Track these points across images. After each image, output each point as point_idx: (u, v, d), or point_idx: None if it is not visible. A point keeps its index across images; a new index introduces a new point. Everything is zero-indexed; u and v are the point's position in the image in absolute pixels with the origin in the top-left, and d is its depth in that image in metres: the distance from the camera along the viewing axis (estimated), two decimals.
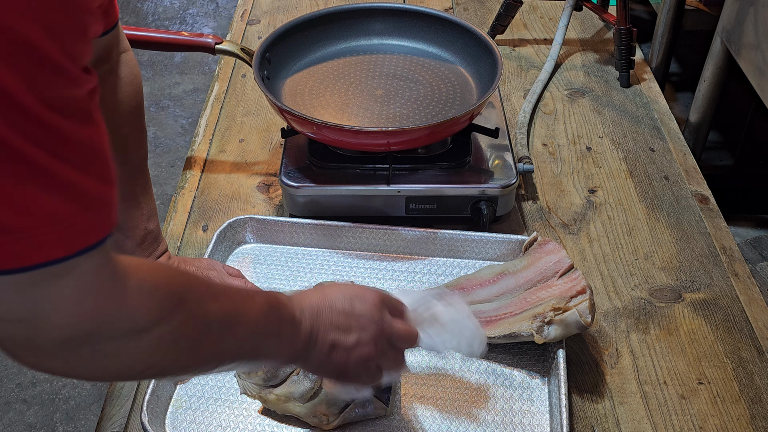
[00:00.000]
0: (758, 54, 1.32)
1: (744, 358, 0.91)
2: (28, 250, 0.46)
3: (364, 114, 1.07)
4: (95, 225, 0.48)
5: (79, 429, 1.82)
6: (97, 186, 0.48)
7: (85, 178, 0.47)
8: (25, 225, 0.45)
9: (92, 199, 0.48)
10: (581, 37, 1.54)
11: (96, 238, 0.48)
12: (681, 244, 1.07)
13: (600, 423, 0.84)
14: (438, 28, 1.20)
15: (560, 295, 0.86)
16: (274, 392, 0.80)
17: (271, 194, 1.14)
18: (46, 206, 0.45)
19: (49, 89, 0.43)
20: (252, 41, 1.53)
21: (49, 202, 0.45)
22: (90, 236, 0.48)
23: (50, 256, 0.46)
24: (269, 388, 0.81)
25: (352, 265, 1.01)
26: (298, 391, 0.80)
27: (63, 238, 0.47)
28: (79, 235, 0.48)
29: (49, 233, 0.46)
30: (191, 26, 3.32)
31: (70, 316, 0.49)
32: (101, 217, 0.49)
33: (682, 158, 1.23)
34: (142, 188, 0.91)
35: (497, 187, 1.03)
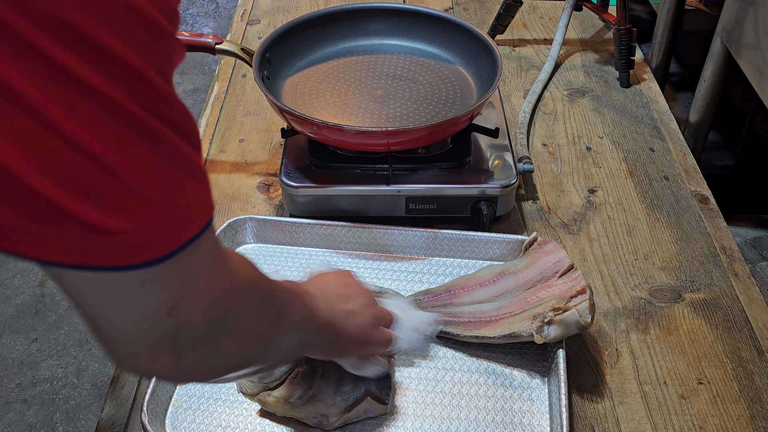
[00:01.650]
0: (758, 54, 1.32)
1: (744, 358, 0.91)
2: (181, 229, 0.44)
3: (364, 114, 1.08)
4: (208, 198, 0.47)
5: (79, 429, 1.82)
6: (200, 160, 0.46)
7: (193, 150, 0.45)
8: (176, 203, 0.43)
9: (202, 172, 0.46)
10: (581, 37, 1.54)
11: (211, 211, 0.47)
12: (681, 244, 1.07)
13: (600, 423, 0.84)
14: (438, 28, 1.20)
15: (560, 295, 0.86)
16: (273, 394, 0.80)
17: (271, 194, 1.15)
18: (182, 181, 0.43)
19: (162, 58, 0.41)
20: (252, 41, 1.53)
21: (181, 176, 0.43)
22: (209, 209, 0.47)
23: (193, 231, 0.45)
24: (267, 390, 0.81)
25: (352, 265, 1.01)
26: (296, 392, 0.80)
27: (197, 212, 0.45)
28: (204, 208, 0.46)
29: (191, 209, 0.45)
30: (191, 26, 3.32)
31: (206, 298, 0.48)
32: (209, 191, 0.48)
33: (682, 158, 1.23)
34: None
35: (497, 187, 1.03)
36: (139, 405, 0.85)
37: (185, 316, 0.47)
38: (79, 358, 1.99)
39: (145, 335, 0.46)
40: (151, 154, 0.40)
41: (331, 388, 0.80)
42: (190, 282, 0.47)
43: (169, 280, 0.45)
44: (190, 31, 3.24)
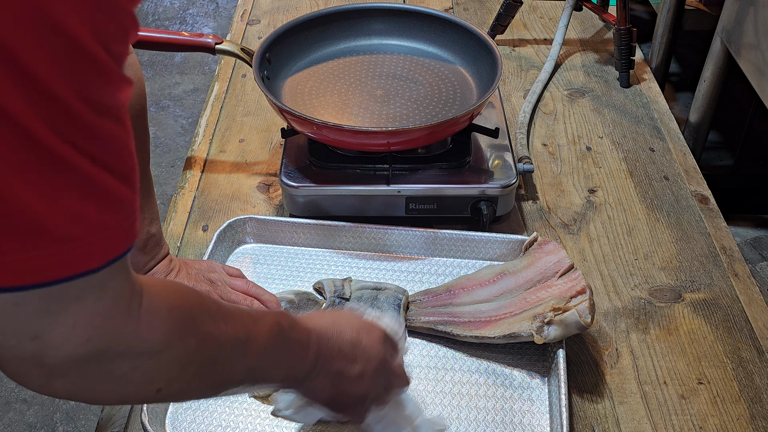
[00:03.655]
0: (758, 54, 1.32)
1: (744, 358, 0.91)
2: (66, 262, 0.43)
3: (364, 114, 1.08)
4: (124, 234, 0.46)
5: (79, 429, 1.82)
6: (127, 193, 0.46)
7: (119, 183, 0.45)
8: (78, 233, 0.43)
9: (124, 206, 0.46)
10: (581, 37, 1.54)
11: (124, 247, 0.46)
12: (681, 244, 1.07)
13: (600, 423, 0.84)
14: (438, 28, 1.20)
15: (560, 295, 0.86)
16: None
17: (271, 194, 1.15)
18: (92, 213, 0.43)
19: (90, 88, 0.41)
20: (252, 41, 1.53)
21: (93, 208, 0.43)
22: (119, 245, 0.46)
23: (87, 266, 0.44)
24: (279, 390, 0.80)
25: (352, 265, 1.02)
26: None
27: (101, 247, 0.45)
28: (113, 243, 0.46)
29: (94, 242, 0.44)
30: (191, 26, 3.32)
31: (85, 333, 0.47)
32: (129, 226, 0.47)
33: (682, 158, 1.23)
34: (145, 192, 0.91)
35: (497, 187, 1.03)
36: (139, 405, 0.85)
37: (52, 345, 0.46)
38: None
39: (12, 352, 0.46)
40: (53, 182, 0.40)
41: None
42: (65, 315, 0.45)
43: (39, 308, 0.45)
44: (191, 31, 3.24)
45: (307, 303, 0.93)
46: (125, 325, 0.49)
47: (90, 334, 0.47)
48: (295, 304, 0.92)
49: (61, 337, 0.46)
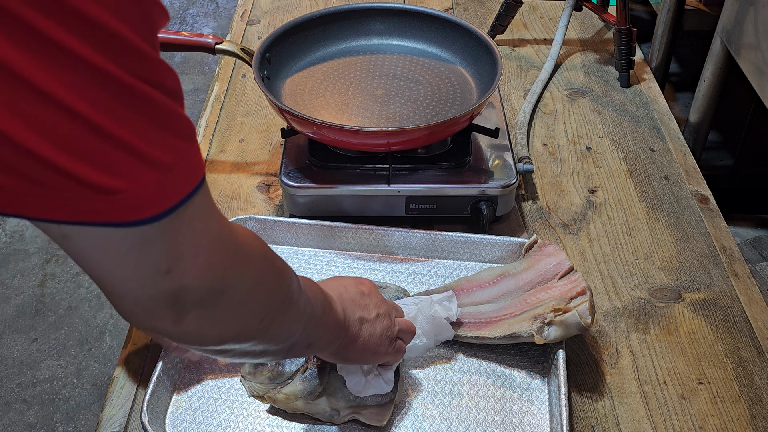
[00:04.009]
0: (758, 54, 1.32)
1: (744, 358, 0.91)
2: (175, 188, 0.45)
3: (364, 114, 1.08)
4: (200, 159, 0.48)
5: (79, 429, 1.82)
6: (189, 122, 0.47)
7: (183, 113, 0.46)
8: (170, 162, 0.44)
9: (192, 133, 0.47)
10: (581, 37, 1.54)
11: (202, 171, 0.48)
12: (681, 244, 1.07)
13: (600, 423, 0.84)
14: (438, 28, 1.20)
15: (560, 297, 0.86)
16: (283, 391, 0.81)
17: (271, 194, 1.15)
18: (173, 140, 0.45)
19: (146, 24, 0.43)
20: (252, 41, 1.53)
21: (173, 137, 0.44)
22: (201, 168, 0.48)
23: (187, 190, 0.46)
24: (276, 387, 0.81)
25: (352, 266, 1.02)
26: (306, 388, 0.80)
27: (190, 171, 0.46)
28: (197, 167, 0.47)
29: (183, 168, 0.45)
30: (191, 26, 3.32)
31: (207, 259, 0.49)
32: (200, 152, 0.48)
33: (682, 158, 1.23)
34: None
35: (497, 187, 1.03)
36: (139, 405, 0.85)
37: (183, 277, 0.48)
38: (79, 358, 1.99)
39: (146, 293, 0.48)
40: (142, 117, 0.42)
41: (340, 382, 0.81)
42: (187, 242, 0.47)
43: (166, 240, 0.46)
44: (190, 31, 3.24)
45: None
46: (230, 250, 0.52)
47: (209, 261, 0.49)
48: None
49: (190, 266, 0.48)
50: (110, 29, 0.39)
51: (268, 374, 0.81)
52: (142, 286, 0.48)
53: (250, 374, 0.82)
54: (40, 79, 0.37)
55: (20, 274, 2.21)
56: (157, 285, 0.48)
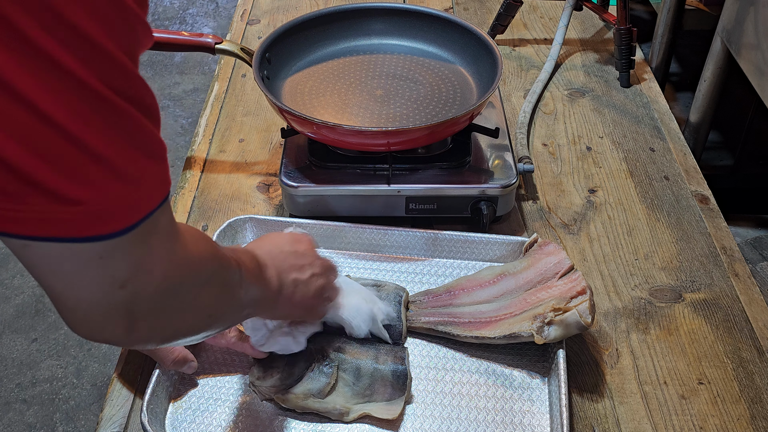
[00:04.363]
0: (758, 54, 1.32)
1: (744, 358, 0.91)
2: (140, 204, 0.47)
3: (364, 114, 1.07)
4: (167, 176, 0.50)
5: (79, 429, 1.82)
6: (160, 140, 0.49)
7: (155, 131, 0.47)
8: (137, 177, 0.45)
9: (162, 150, 0.48)
10: (581, 37, 1.54)
11: (167, 188, 0.50)
12: (681, 244, 1.06)
13: (600, 423, 0.84)
14: (438, 28, 1.20)
15: (560, 296, 0.86)
16: (293, 392, 0.81)
17: (271, 194, 1.14)
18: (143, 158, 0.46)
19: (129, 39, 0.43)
20: (252, 41, 1.53)
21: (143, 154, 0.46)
22: (166, 186, 0.50)
23: (151, 206, 0.47)
24: (287, 388, 0.81)
25: (352, 266, 1.01)
26: (315, 387, 0.81)
27: (155, 188, 0.48)
28: (162, 184, 0.49)
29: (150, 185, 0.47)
30: (191, 26, 3.32)
31: (162, 270, 0.50)
32: (167, 170, 0.50)
33: (682, 158, 1.23)
34: None
35: (497, 187, 1.03)
36: (138, 405, 0.85)
37: (138, 289, 0.49)
38: (79, 358, 1.99)
39: (100, 305, 0.49)
40: (116, 131, 0.43)
41: (349, 381, 0.82)
42: (145, 257, 0.49)
43: (125, 254, 0.47)
44: (190, 31, 3.24)
45: None
46: (184, 259, 0.54)
47: (165, 273, 0.51)
48: None
49: (146, 279, 0.50)
50: (96, 42, 0.40)
51: (278, 376, 0.82)
52: (96, 298, 0.48)
53: (259, 379, 0.82)
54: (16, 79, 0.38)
55: (20, 274, 2.21)
56: (112, 297, 0.48)
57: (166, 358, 0.82)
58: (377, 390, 0.82)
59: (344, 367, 0.84)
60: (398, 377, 0.83)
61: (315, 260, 0.80)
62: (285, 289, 0.75)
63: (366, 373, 0.83)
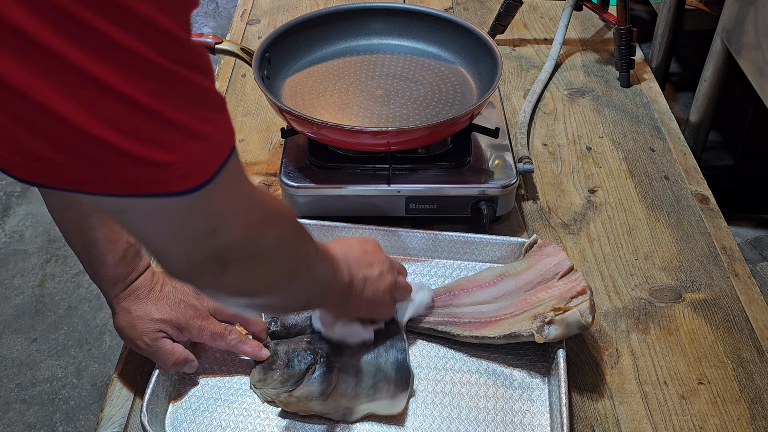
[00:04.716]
0: (758, 54, 1.32)
1: (744, 358, 0.91)
2: (214, 156, 0.49)
3: (364, 114, 1.07)
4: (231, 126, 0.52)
5: (79, 429, 1.82)
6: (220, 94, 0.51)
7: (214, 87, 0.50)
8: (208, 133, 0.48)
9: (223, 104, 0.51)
10: (581, 37, 1.54)
11: (234, 137, 0.52)
12: (681, 244, 1.06)
13: (600, 423, 0.84)
14: (438, 28, 1.20)
15: (560, 296, 0.86)
16: (294, 394, 0.81)
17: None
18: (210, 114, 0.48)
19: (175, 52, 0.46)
20: (252, 41, 1.53)
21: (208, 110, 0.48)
22: (233, 135, 0.52)
23: (224, 156, 0.50)
24: (288, 391, 0.81)
25: None
26: (318, 389, 0.81)
27: (225, 139, 0.50)
28: (230, 134, 0.51)
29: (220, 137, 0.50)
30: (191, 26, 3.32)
31: (243, 217, 0.55)
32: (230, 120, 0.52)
33: (683, 158, 1.23)
34: None
35: (497, 187, 1.03)
36: (138, 405, 0.85)
37: (225, 236, 0.54)
38: (79, 358, 1.99)
39: (193, 254, 0.54)
40: (182, 98, 0.46)
41: (351, 381, 0.82)
42: (227, 204, 0.53)
43: (209, 205, 0.51)
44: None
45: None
46: (262, 208, 0.58)
47: (248, 218, 0.56)
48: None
49: (231, 225, 0.54)
50: (154, 22, 0.43)
51: (279, 378, 0.81)
52: (189, 248, 0.54)
53: (260, 381, 0.82)
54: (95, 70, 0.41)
55: (20, 274, 2.21)
56: (202, 246, 0.54)
57: (167, 360, 0.82)
58: (380, 388, 0.82)
59: (345, 368, 0.83)
60: (401, 374, 0.83)
61: (384, 259, 0.83)
62: (356, 284, 0.78)
63: (368, 372, 0.83)
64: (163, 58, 0.44)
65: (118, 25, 0.42)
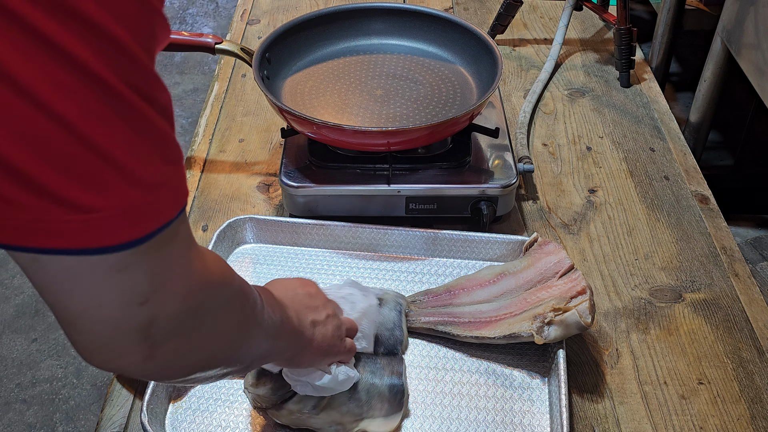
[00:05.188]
0: (758, 54, 1.32)
1: (744, 358, 0.91)
2: (158, 211, 0.42)
3: (364, 114, 1.07)
4: (184, 184, 0.46)
5: (79, 429, 1.82)
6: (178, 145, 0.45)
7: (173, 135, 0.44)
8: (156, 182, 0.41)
9: (180, 157, 0.44)
10: (581, 37, 1.54)
11: (186, 197, 0.46)
12: (681, 244, 1.06)
13: (600, 423, 0.84)
14: (438, 28, 1.20)
15: (560, 296, 0.86)
16: (286, 407, 0.80)
17: (271, 194, 1.14)
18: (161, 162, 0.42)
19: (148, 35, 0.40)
20: (252, 41, 1.53)
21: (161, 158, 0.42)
22: (184, 194, 0.46)
23: (170, 215, 0.43)
24: (281, 402, 0.80)
25: (351, 266, 1.01)
26: (309, 402, 0.79)
27: (175, 196, 0.44)
28: (181, 192, 0.45)
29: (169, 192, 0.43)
30: (191, 26, 3.32)
31: (186, 284, 0.46)
32: (185, 177, 0.46)
33: (683, 158, 1.23)
34: None
35: (497, 187, 1.03)
36: (138, 405, 0.85)
37: (159, 307, 0.45)
38: (79, 359, 1.99)
39: (118, 325, 0.44)
40: (134, 133, 0.39)
41: (344, 396, 0.80)
42: (165, 270, 0.45)
43: (145, 267, 0.43)
44: (190, 31, 3.24)
45: None
46: (204, 276, 0.49)
47: (185, 289, 0.47)
48: None
49: (167, 295, 0.45)
50: (110, 32, 0.37)
51: (270, 385, 0.80)
52: (114, 317, 0.44)
53: (252, 385, 0.81)
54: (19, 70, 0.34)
55: (20, 274, 2.21)
56: (130, 317, 0.44)
57: None
58: (374, 406, 0.81)
59: None
60: (395, 393, 0.82)
61: (326, 301, 0.78)
62: (305, 330, 0.71)
63: (362, 388, 0.81)
64: (116, 75, 0.37)
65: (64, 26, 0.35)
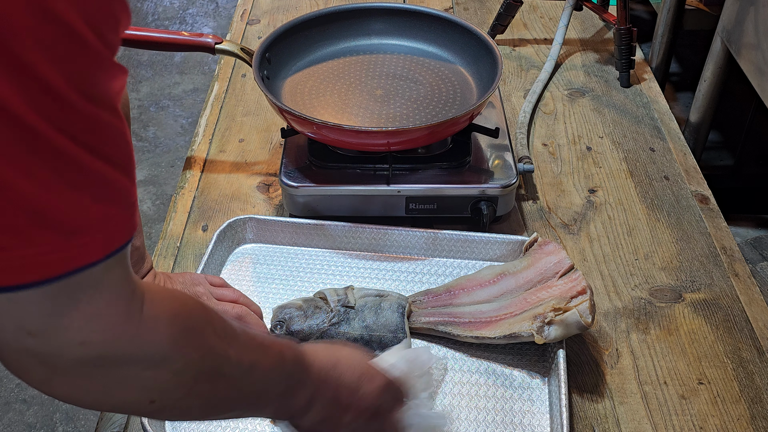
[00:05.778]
0: (758, 54, 1.32)
1: (744, 358, 0.91)
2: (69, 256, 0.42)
3: (364, 114, 1.07)
4: (123, 225, 0.44)
5: (79, 429, 1.82)
6: (125, 183, 0.44)
7: (116, 173, 0.43)
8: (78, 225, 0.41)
9: (122, 196, 0.44)
10: (581, 37, 1.54)
11: (123, 239, 0.44)
12: (681, 244, 1.06)
13: (600, 423, 0.84)
14: (438, 28, 1.20)
15: (560, 296, 0.86)
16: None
17: (271, 194, 1.14)
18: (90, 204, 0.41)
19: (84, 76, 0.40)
20: (252, 41, 1.53)
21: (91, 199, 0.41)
22: (118, 237, 0.44)
23: (83, 261, 0.42)
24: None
25: (351, 266, 1.01)
26: None
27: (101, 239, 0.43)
28: (112, 235, 0.43)
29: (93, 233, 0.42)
30: (191, 26, 3.32)
31: (81, 334, 0.45)
32: (128, 217, 0.45)
33: (683, 158, 1.23)
34: None
35: (497, 187, 1.03)
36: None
37: (52, 344, 0.44)
38: None
39: (10, 347, 0.45)
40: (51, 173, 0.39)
41: None
42: (65, 315, 0.44)
43: (36, 305, 0.43)
44: (190, 31, 3.24)
45: (314, 311, 0.91)
46: (124, 328, 0.46)
47: (87, 336, 0.45)
48: (303, 310, 0.91)
49: (60, 336, 0.44)
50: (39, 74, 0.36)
51: None
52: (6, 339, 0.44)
53: None
54: None
55: None
56: (20, 342, 0.44)
57: None
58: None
59: None
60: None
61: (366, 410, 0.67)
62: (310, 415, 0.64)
63: None
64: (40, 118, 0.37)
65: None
